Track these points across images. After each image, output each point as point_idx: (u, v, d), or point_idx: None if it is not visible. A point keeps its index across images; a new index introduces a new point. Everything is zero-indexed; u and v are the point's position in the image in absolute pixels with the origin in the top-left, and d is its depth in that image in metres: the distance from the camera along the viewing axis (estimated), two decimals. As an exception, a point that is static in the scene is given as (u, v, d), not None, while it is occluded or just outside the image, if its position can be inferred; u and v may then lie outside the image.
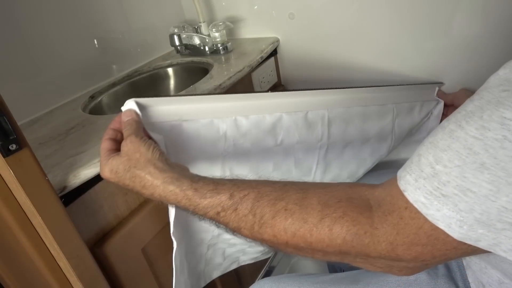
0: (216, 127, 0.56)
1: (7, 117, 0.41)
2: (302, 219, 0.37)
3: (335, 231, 0.36)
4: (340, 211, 0.36)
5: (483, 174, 0.28)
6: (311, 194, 0.39)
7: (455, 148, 0.30)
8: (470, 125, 0.29)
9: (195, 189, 0.42)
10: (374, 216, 0.35)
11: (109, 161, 0.45)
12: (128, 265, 0.62)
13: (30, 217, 0.47)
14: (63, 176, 0.53)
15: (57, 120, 0.77)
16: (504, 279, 0.40)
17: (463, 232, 0.30)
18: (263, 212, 0.39)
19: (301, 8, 0.96)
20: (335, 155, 0.71)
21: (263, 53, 0.94)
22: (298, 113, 0.62)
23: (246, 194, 0.41)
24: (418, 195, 0.32)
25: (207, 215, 0.42)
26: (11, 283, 0.50)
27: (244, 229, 0.40)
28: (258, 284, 0.62)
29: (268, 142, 0.62)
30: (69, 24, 0.87)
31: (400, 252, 0.34)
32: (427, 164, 0.32)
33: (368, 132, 0.72)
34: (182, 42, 1.01)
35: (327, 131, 0.66)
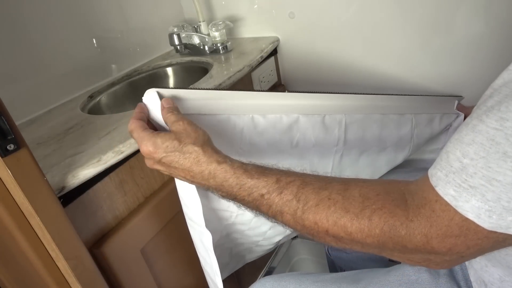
0: (232, 123, 0.56)
1: (5, 117, 0.41)
2: (344, 208, 0.39)
3: (374, 221, 0.37)
4: (379, 203, 0.38)
5: (506, 162, 0.29)
6: (353, 186, 0.41)
7: (479, 141, 0.31)
8: (490, 118, 0.31)
9: (245, 169, 0.44)
10: (409, 209, 0.37)
11: (160, 135, 0.46)
12: (127, 265, 0.62)
13: (28, 217, 0.47)
14: (62, 176, 0.53)
15: (55, 120, 0.77)
16: (505, 277, 0.40)
17: (493, 222, 0.31)
18: (307, 199, 0.41)
19: (301, 7, 0.95)
20: (351, 162, 0.71)
21: (263, 52, 0.94)
22: (315, 116, 0.62)
23: (292, 180, 0.42)
24: (448, 188, 0.34)
25: (251, 195, 0.43)
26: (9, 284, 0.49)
27: (286, 214, 0.42)
28: (259, 283, 0.62)
29: (284, 143, 0.61)
30: (68, 23, 0.87)
31: (435, 245, 0.35)
32: (455, 159, 0.33)
33: (386, 141, 0.71)
34: (181, 41, 1.01)
35: (343, 136, 0.66)
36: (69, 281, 0.53)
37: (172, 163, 0.46)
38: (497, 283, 0.42)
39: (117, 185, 0.61)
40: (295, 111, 0.61)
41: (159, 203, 0.67)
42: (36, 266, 0.50)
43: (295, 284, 0.59)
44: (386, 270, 0.58)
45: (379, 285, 0.55)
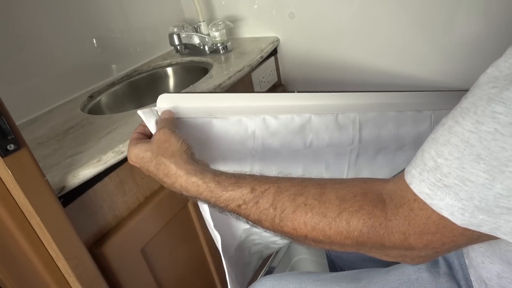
0: (244, 125, 0.56)
1: (5, 117, 0.41)
2: (322, 213, 0.39)
3: (352, 224, 0.38)
4: (357, 205, 0.38)
5: (479, 164, 0.30)
6: (329, 189, 0.41)
7: (454, 142, 0.32)
8: (466, 120, 0.32)
9: (217, 181, 0.44)
10: (387, 209, 0.37)
11: (138, 145, 0.48)
12: (127, 265, 0.62)
13: (28, 217, 0.47)
14: (62, 176, 0.53)
15: (56, 120, 0.77)
16: (503, 273, 0.41)
17: (465, 219, 0.32)
18: (284, 206, 0.41)
19: (301, 7, 0.95)
20: (367, 161, 0.70)
21: (263, 52, 0.94)
22: (328, 115, 0.62)
23: (267, 188, 0.42)
24: (423, 187, 0.34)
25: (228, 207, 0.44)
26: (9, 284, 0.49)
27: (265, 222, 0.42)
28: (259, 282, 0.62)
29: (297, 143, 0.61)
30: (68, 23, 0.87)
31: (413, 241, 0.36)
32: (429, 158, 0.34)
33: (403, 139, 0.70)
34: (181, 41, 1.01)
35: (358, 135, 0.65)
36: (69, 281, 0.53)
37: (148, 173, 0.48)
38: (495, 279, 0.42)
39: (117, 185, 0.61)
40: (307, 111, 0.60)
41: (159, 203, 0.67)
42: (36, 266, 0.50)
43: (295, 283, 0.59)
44: (386, 269, 0.58)
45: (379, 285, 0.55)
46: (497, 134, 0.29)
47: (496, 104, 0.29)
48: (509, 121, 0.28)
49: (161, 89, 1.05)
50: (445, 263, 0.55)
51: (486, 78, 0.32)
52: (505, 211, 0.30)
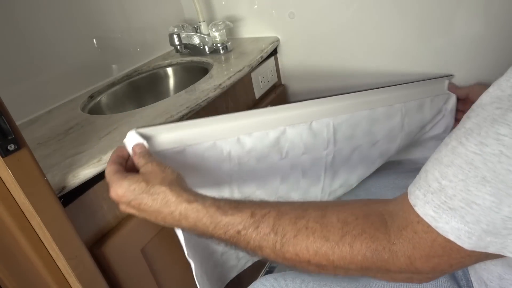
0: (219, 148, 0.56)
1: (5, 117, 0.41)
2: (324, 237, 0.38)
3: (355, 248, 0.37)
4: (359, 228, 0.38)
5: (485, 187, 0.30)
6: (330, 212, 0.40)
7: (458, 164, 0.32)
8: (469, 142, 0.31)
9: (217, 206, 0.43)
10: (390, 231, 0.37)
11: (128, 177, 0.45)
12: (128, 265, 0.62)
13: (28, 217, 0.47)
14: (62, 176, 0.53)
15: (56, 120, 0.77)
16: (505, 275, 0.41)
17: (472, 242, 0.32)
18: (285, 231, 0.40)
19: (301, 7, 0.95)
20: (343, 161, 0.71)
21: (263, 52, 0.94)
22: (302, 125, 0.62)
23: (267, 212, 0.41)
24: (427, 209, 0.34)
25: (227, 233, 0.42)
26: (9, 284, 0.50)
27: (266, 248, 0.40)
28: (260, 281, 0.62)
29: (273, 156, 0.62)
30: (68, 23, 0.87)
31: (419, 265, 0.35)
32: (433, 179, 0.34)
33: (376, 135, 0.71)
34: (181, 41, 1.01)
35: (333, 139, 0.66)
36: (69, 280, 0.53)
37: (141, 206, 0.44)
38: (497, 280, 0.42)
39: (118, 185, 0.61)
40: (281, 123, 0.60)
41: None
42: (36, 265, 0.50)
43: (296, 282, 0.59)
44: (386, 269, 0.58)
45: (380, 284, 0.55)
46: (503, 157, 0.29)
47: (500, 125, 0.29)
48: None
49: (161, 89, 1.05)
50: (445, 263, 0.54)
51: (489, 98, 0.31)
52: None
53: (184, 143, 0.53)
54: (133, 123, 0.66)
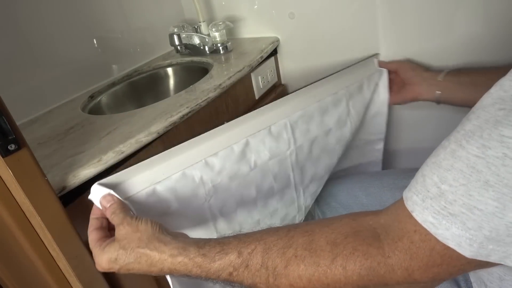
0: (190, 176, 0.56)
1: (6, 117, 0.41)
2: (315, 263, 0.37)
3: (349, 268, 0.36)
4: (350, 247, 0.36)
5: (488, 191, 0.28)
6: (318, 235, 0.39)
7: (459, 167, 0.30)
8: (471, 144, 0.30)
9: (203, 254, 0.42)
10: (384, 245, 0.35)
11: (105, 250, 0.44)
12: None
13: (29, 217, 0.47)
14: (62, 176, 0.53)
15: (56, 120, 0.77)
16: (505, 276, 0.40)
17: (474, 250, 0.30)
18: (275, 264, 0.39)
19: (301, 7, 0.95)
20: (306, 156, 0.74)
21: (263, 52, 0.94)
22: (262, 131, 0.64)
23: (254, 248, 0.41)
24: (427, 215, 0.33)
25: (220, 277, 0.42)
26: (10, 284, 0.50)
27: (260, 284, 0.40)
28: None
29: (243, 170, 0.63)
30: (69, 23, 0.87)
31: (418, 277, 0.34)
32: (432, 184, 0.32)
33: (328, 124, 0.75)
34: (181, 41, 1.01)
35: (292, 137, 0.69)
36: (69, 280, 0.53)
37: (130, 271, 0.44)
38: (497, 281, 0.42)
39: (118, 185, 0.61)
40: (242, 136, 0.62)
41: None
42: (37, 265, 0.50)
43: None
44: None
45: (379, 285, 0.54)
46: (507, 159, 0.27)
47: (504, 127, 0.28)
48: None
49: (161, 89, 1.05)
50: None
51: (490, 99, 0.30)
52: None
53: (152, 181, 0.52)
54: (133, 123, 0.66)
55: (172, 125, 0.66)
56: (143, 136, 0.62)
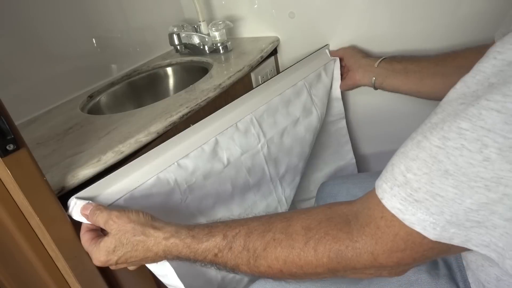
0: (164, 180, 0.58)
1: (4, 117, 0.41)
2: (290, 246, 0.40)
3: (319, 251, 0.39)
4: (322, 231, 0.39)
5: (448, 179, 0.31)
6: (295, 221, 0.42)
7: (422, 157, 0.32)
8: (433, 136, 0.32)
9: (192, 236, 0.45)
10: (353, 230, 0.38)
11: (101, 245, 0.47)
12: (127, 266, 0.62)
13: (28, 217, 0.47)
14: (61, 177, 0.53)
15: (55, 120, 0.77)
16: (502, 276, 0.41)
17: (437, 233, 0.32)
18: (255, 246, 0.42)
19: (301, 7, 0.95)
20: (278, 147, 0.77)
21: (263, 52, 0.94)
22: (229, 129, 0.67)
23: (238, 232, 0.44)
24: (394, 202, 0.35)
25: (206, 259, 0.45)
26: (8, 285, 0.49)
27: (242, 265, 0.43)
28: (259, 283, 0.62)
29: (217, 168, 0.65)
30: (68, 23, 0.87)
31: (383, 261, 0.36)
32: (399, 173, 0.35)
33: (295, 113, 0.79)
34: (181, 41, 1.01)
35: (261, 131, 0.72)
36: (68, 281, 0.53)
37: (128, 260, 0.47)
38: (494, 282, 0.42)
39: (117, 185, 0.61)
40: (211, 135, 0.64)
41: None
42: (35, 266, 0.50)
43: (295, 284, 0.59)
44: (386, 270, 0.58)
45: (379, 286, 0.55)
46: (464, 150, 0.29)
47: (462, 120, 0.30)
48: (475, 137, 0.29)
49: (160, 89, 1.04)
50: (444, 265, 0.55)
51: (455, 94, 0.32)
52: (475, 225, 0.31)
53: (129, 189, 0.54)
54: (133, 123, 0.66)
55: (172, 125, 0.66)
56: (143, 136, 0.61)
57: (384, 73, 0.80)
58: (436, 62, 0.73)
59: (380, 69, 0.80)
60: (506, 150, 0.27)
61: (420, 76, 0.74)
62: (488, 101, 0.28)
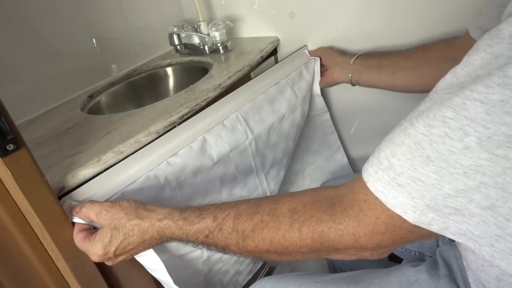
0: (155, 178, 0.59)
1: (4, 117, 0.41)
2: (276, 227, 0.42)
3: (303, 232, 0.40)
4: (307, 214, 0.41)
5: (429, 165, 0.32)
6: (282, 203, 0.43)
7: (407, 144, 0.33)
8: (419, 123, 0.33)
9: (184, 218, 0.47)
10: (336, 212, 0.39)
11: (96, 239, 0.48)
12: (127, 265, 0.62)
13: (27, 217, 0.47)
14: (61, 177, 0.53)
15: (55, 119, 0.77)
16: (502, 276, 0.41)
17: (417, 217, 0.34)
18: (243, 228, 0.44)
19: (301, 7, 0.95)
20: (264, 143, 0.79)
21: (263, 52, 0.94)
22: (216, 127, 0.68)
23: (227, 214, 0.46)
24: (378, 185, 0.36)
25: (198, 240, 0.47)
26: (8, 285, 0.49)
27: (231, 246, 0.45)
28: (259, 283, 0.62)
29: (206, 164, 0.66)
30: (67, 23, 0.87)
31: (364, 242, 0.38)
32: (384, 157, 0.36)
33: (281, 110, 0.81)
34: (181, 41, 1.01)
35: (248, 128, 0.73)
36: (68, 281, 0.53)
37: (126, 248, 0.49)
38: (494, 282, 0.43)
39: (117, 185, 0.61)
40: (198, 134, 0.65)
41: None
42: (35, 266, 0.50)
43: (295, 284, 0.59)
44: (386, 270, 0.58)
45: (379, 286, 0.55)
46: (447, 138, 0.30)
47: (446, 109, 0.30)
48: (458, 126, 0.29)
49: (160, 89, 1.04)
50: (444, 265, 0.55)
51: (444, 84, 0.33)
52: (453, 212, 0.32)
53: (119, 188, 0.55)
54: (133, 123, 0.66)
55: (172, 125, 0.66)
56: (143, 136, 0.61)
57: (360, 69, 0.84)
58: (407, 56, 0.77)
59: (355, 65, 0.84)
60: (485, 140, 0.28)
61: (393, 70, 0.78)
62: (472, 92, 0.29)
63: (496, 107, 0.27)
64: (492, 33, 0.29)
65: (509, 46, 0.28)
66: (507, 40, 0.28)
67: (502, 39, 0.28)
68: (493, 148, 0.28)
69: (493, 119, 0.28)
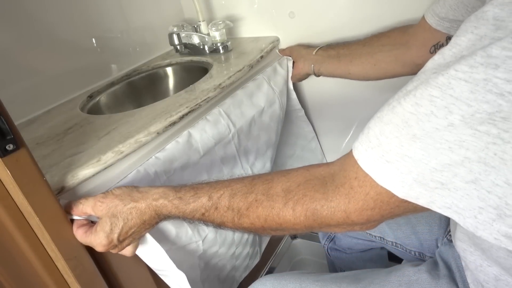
0: (145, 172, 0.60)
1: (4, 117, 0.41)
2: (270, 206, 0.44)
3: (297, 210, 0.42)
4: (300, 193, 0.43)
5: (416, 143, 0.33)
6: (275, 183, 0.45)
7: (395, 122, 0.34)
8: (407, 102, 0.34)
9: (179, 197, 0.49)
10: (328, 190, 0.41)
11: (98, 229, 0.49)
12: (127, 265, 0.62)
13: (27, 217, 0.47)
14: (61, 177, 0.53)
15: (55, 120, 0.77)
16: (500, 276, 0.41)
17: (405, 192, 0.35)
18: (239, 206, 0.46)
19: (302, 7, 0.95)
20: (247, 136, 0.82)
21: (263, 52, 0.94)
22: (200, 121, 0.71)
23: (222, 193, 0.47)
24: (368, 162, 0.37)
25: (194, 217, 0.49)
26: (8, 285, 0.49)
27: (227, 222, 0.48)
28: (259, 282, 0.62)
29: (193, 159, 0.69)
30: (67, 23, 0.87)
31: (355, 218, 0.39)
32: (373, 135, 0.37)
33: (259, 103, 0.84)
34: (181, 41, 1.01)
35: (230, 121, 0.76)
36: (68, 281, 0.53)
37: (129, 232, 0.50)
38: (493, 281, 0.43)
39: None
40: (182, 130, 0.67)
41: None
42: (35, 266, 0.50)
43: (295, 283, 0.59)
44: (386, 270, 0.58)
45: (379, 286, 0.55)
46: (432, 116, 0.31)
47: (433, 88, 0.31)
48: (444, 104, 0.30)
49: (160, 89, 1.04)
50: (444, 265, 0.55)
51: (432, 64, 0.34)
52: (439, 186, 0.33)
53: (110, 184, 0.57)
54: (133, 123, 0.66)
55: (172, 125, 0.66)
56: (143, 136, 0.61)
57: (321, 59, 0.88)
58: (363, 44, 0.81)
59: (317, 56, 0.89)
60: (468, 117, 0.29)
61: (350, 58, 0.83)
62: (456, 71, 0.29)
63: (479, 85, 0.28)
64: (478, 15, 0.30)
65: (492, 27, 0.28)
66: (491, 21, 0.29)
67: (487, 20, 0.29)
68: (475, 125, 0.29)
69: (476, 97, 0.28)
